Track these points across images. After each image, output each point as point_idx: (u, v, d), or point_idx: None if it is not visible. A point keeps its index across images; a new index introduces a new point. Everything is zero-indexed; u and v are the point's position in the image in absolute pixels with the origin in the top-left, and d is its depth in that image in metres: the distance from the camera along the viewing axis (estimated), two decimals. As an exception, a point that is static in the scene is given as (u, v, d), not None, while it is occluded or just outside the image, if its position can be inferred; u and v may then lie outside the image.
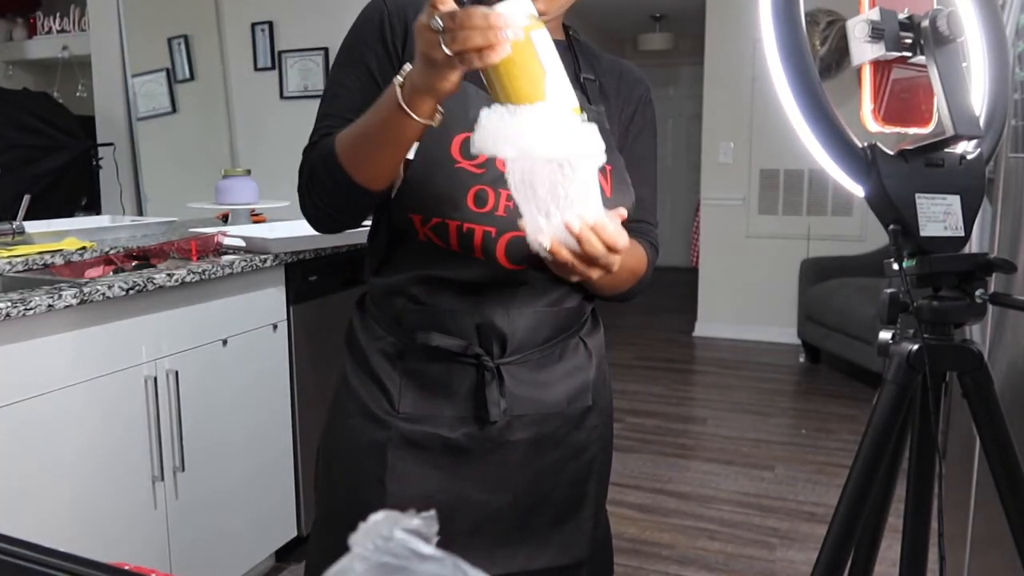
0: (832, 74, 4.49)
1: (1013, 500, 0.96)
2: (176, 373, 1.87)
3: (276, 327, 2.20)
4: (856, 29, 0.90)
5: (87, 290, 1.62)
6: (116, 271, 1.94)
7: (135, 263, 2.02)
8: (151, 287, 1.77)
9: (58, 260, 2.16)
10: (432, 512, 0.34)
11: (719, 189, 5.20)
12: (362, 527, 0.33)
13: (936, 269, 0.93)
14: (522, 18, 0.73)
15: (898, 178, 0.92)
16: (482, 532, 1.03)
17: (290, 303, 2.24)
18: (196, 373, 1.94)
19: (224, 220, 2.92)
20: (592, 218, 0.75)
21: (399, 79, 0.81)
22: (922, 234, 0.92)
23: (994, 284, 1.52)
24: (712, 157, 5.22)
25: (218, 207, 2.88)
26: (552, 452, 1.05)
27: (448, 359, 1.00)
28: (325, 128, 0.97)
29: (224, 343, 2.03)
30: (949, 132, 0.91)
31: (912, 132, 0.97)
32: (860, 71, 0.93)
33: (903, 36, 0.91)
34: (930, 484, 1.01)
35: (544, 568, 1.06)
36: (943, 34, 0.89)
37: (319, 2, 4.28)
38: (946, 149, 0.96)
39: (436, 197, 0.93)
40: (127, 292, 1.71)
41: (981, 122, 0.97)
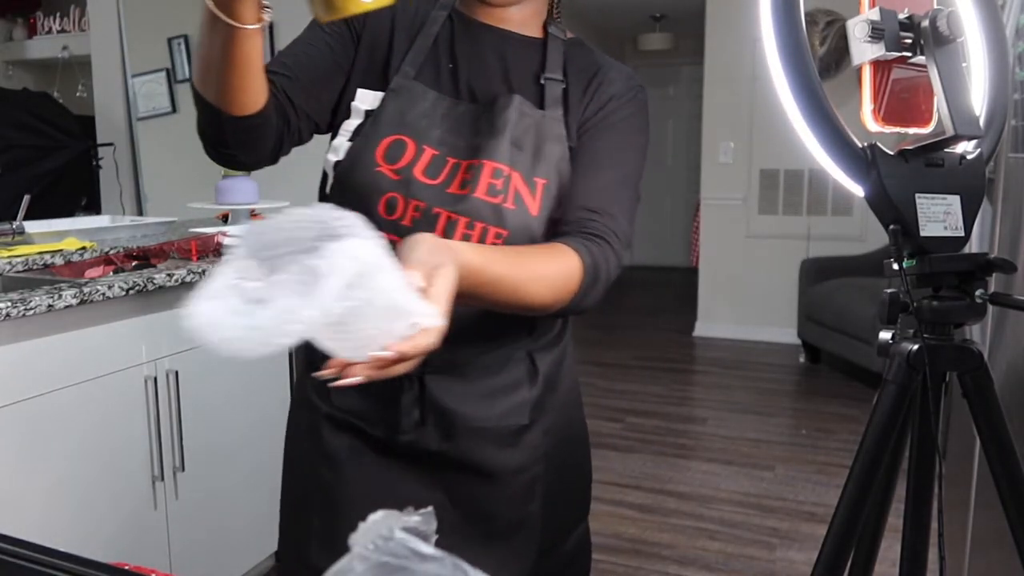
0: (832, 74, 4.49)
1: (1013, 500, 0.96)
2: (176, 373, 1.87)
3: (276, 327, 2.20)
4: (856, 29, 0.90)
5: (87, 290, 1.62)
6: (116, 271, 1.94)
7: (135, 263, 2.02)
8: (151, 287, 1.77)
9: (58, 260, 2.16)
10: (430, 509, 0.34)
11: (719, 189, 5.20)
12: (362, 527, 0.33)
13: (936, 269, 0.93)
14: None
15: (898, 178, 0.92)
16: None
17: (290, 303, 2.24)
18: (196, 373, 1.94)
19: (224, 220, 2.92)
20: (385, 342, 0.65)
21: None
22: (922, 234, 0.92)
23: (994, 284, 1.52)
24: (712, 157, 5.22)
25: (218, 207, 2.87)
26: (483, 467, 1.00)
27: None
28: (277, 62, 0.96)
29: (224, 343, 2.03)
30: (949, 132, 0.91)
31: (912, 132, 0.97)
32: (860, 71, 0.93)
33: (903, 36, 0.91)
34: (930, 484, 1.01)
35: None
36: (943, 34, 0.89)
37: (319, 2, 4.28)
38: (946, 149, 0.96)
39: (354, 199, 0.91)
40: (127, 292, 1.71)
41: (981, 122, 0.97)
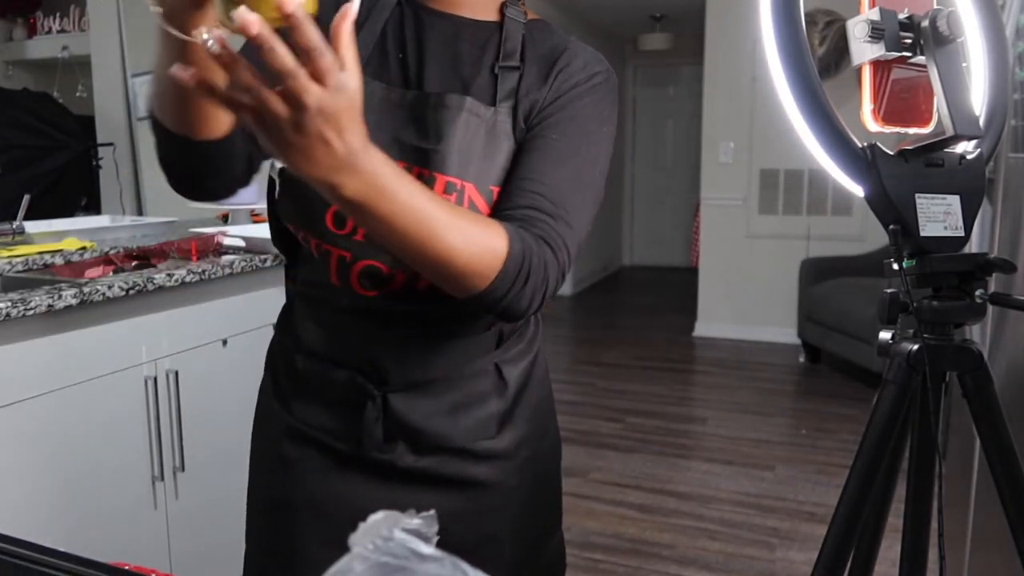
0: (832, 74, 4.49)
1: (1013, 500, 0.96)
2: (176, 373, 1.87)
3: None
4: (856, 29, 0.90)
5: (87, 290, 1.62)
6: (116, 271, 1.94)
7: (135, 263, 2.02)
8: (151, 287, 1.77)
9: (58, 260, 2.16)
10: (432, 512, 0.34)
11: (719, 189, 5.20)
12: (362, 527, 0.33)
13: (936, 269, 0.93)
14: None
15: (898, 178, 0.92)
16: None
17: (290, 303, 2.24)
18: (196, 373, 1.94)
19: (224, 220, 2.92)
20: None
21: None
22: (922, 234, 0.92)
23: (994, 284, 1.52)
24: (712, 157, 5.22)
25: (218, 207, 2.87)
26: (448, 486, 0.96)
27: (329, 383, 0.95)
28: None
29: (224, 343, 2.03)
30: (949, 132, 0.91)
31: (912, 132, 0.97)
32: (860, 71, 0.93)
33: (903, 36, 0.91)
34: (930, 484, 1.01)
35: None
36: (943, 34, 0.89)
37: (319, 2, 4.28)
38: (946, 149, 0.96)
39: (301, 210, 0.86)
40: (127, 292, 1.71)
41: (981, 122, 0.97)
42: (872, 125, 0.95)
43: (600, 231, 7.42)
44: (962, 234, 0.95)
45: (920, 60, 0.93)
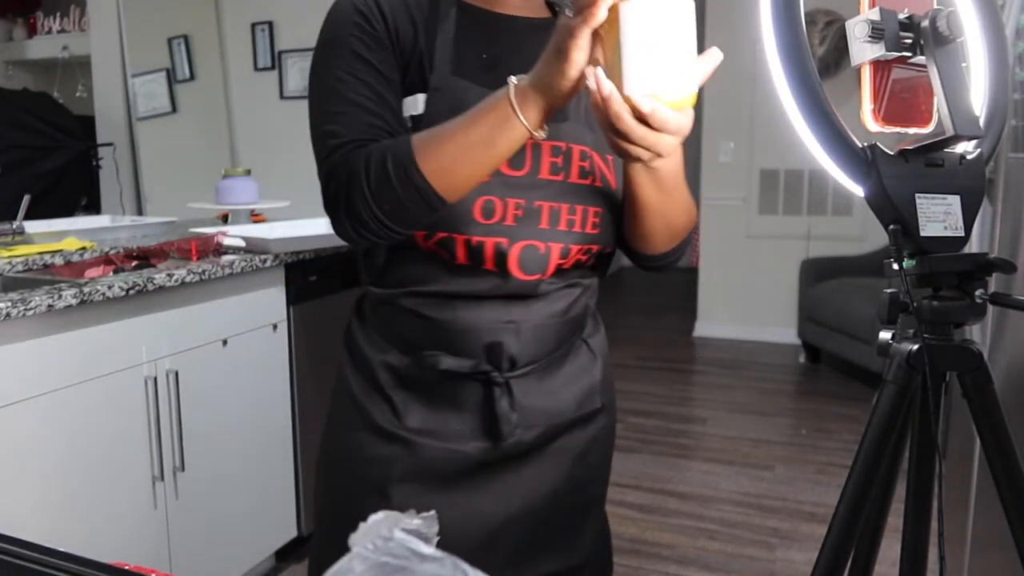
0: (832, 74, 4.49)
1: (1013, 500, 0.96)
2: (176, 373, 1.87)
3: (276, 327, 2.20)
4: (856, 29, 0.90)
5: (87, 290, 1.62)
6: (116, 271, 1.94)
7: (135, 263, 2.02)
8: (151, 287, 1.77)
9: (58, 260, 2.16)
10: (432, 512, 0.34)
11: (719, 189, 5.20)
12: (362, 527, 0.33)
13: (936, 269, 0.93)
14: None
15: (898, 178, 0.92)
16: (493, 547, 1.00)
17: (290, 303, 2.24)
18: (196, 373, 1.94)
19: (224, 220, 2.92)
20: (682, 94, 0.72)
21: (513, 80, 0.78)
22: (922, 234, 0.92)
23: (994, 284, 1.52)
24: (712, 157, 5.22)
25: (218, 207, 2.88)
26: (561, 458, 1.03)
27: (456, 375, 0.97)
28: (348, 125, 0.88)
29: (224, 343, 2.03)
30: (949, 132, 0.91)
31: (912, 132, 0.97)
32: (860, 71, 0.93)
33: (903, 36, 0.91)
34: (930, 484, 1.01)
35: (552, 572, 1.05)
36: (943, 34, 0.89)
37: (319, 2, 4.27)
38: (946, 149, 0.95)
39: (444, 216, 0.87)
40: (127, 292, 1.71)
41: (981, 122, 0.97)
42: (872, 125, 0.95)
43: (600, 231, 7.38)
44: (962, 234, 0.95)
45: (920, 60, 0.93)
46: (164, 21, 4.32)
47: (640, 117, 0.71)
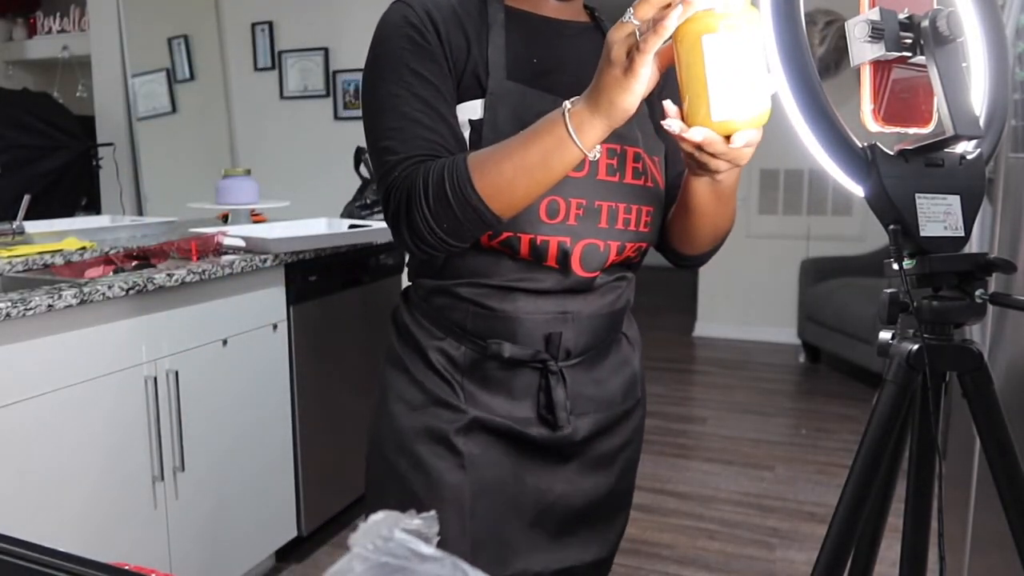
0: (832, 74, 4.49)
1: (1013, 500, 0.96)
2: (176, 373, 1.87)
3: (276, 327, 2.20)
4: (856, 29, 0.90)
5: (87, 290, 1.62)
6: (116, 271, 1.94)
7: (135, 263, 2.02)
8: (151, 287, 1.77)
9: (58, 260, 2.16)
10: (432, 512, 0.34)
11: (719, 189, 5.20)
12: (362, 527, 0.33)
13: (936, 269, 0.93)
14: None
15: (898, 178, 0.92)
16: (542, 524, 1.05)
17: (290, 303, 2.24)
18: (196, 373, 1.94)
19: (224, 220, 2.92)
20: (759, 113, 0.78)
21: (567, 105, 0.79)
22: (922, 234, 0.92)
23: (994, 284, 1.52)
24: (712, 157, 5.22)
25: (218, 207, 2.88)
26: (605, 448, 1.08)
27: (512, 364, 1.00)
28: (408, 141, 0.90)
29: (224, 343, 2.03)
30: (949, 132, 0.91)
31: (912, 132, 0.97)
32: (860, 71, 0.93)
33: (903, 36, 0.91)
34: (930, 484, 1.01)
35: (585, 563, 1.09)
36: (943, 34, 0.89)
37: (319, 2, 4.28)
38: (946, 149, 0.96)
39: (514, 217, 0.90)
40: (127, 292, 1.71)
41: (981, 122, 0.97)
42: (872, 125, 0.95)
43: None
44: (962, 234, 0.95)
45: (920, 60, 0.93)
46: (164, 21, 4.32)
47: (727, 138, 0.77)
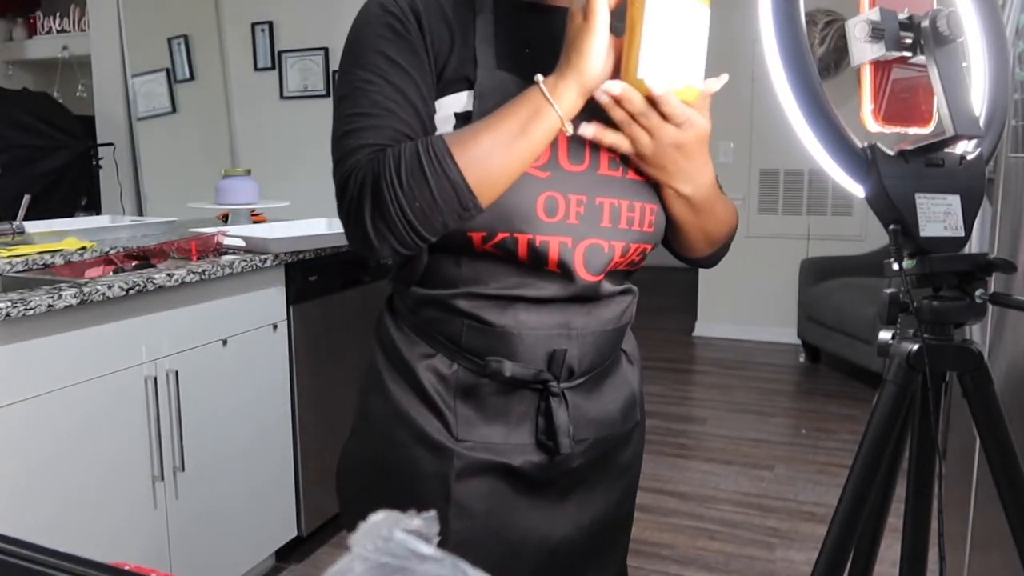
0: (832, 74, 4.48)
1: (1013, 500, 0.96)
2: (176, 373, 1.87)
3: (276, 327, 2.20)
4: (856, 29, 0.90)
5: (87, 290, 1.62)
6: (116, 271, 1.94)
7: (135, 263, 2.02)
8: (151, 287, 1.77)
9: (58, 260, 2.16)
10: (432, 512, 0.34)
11: (719, 189, 5.20)
12: (362, 527, 0.33)
13: (936, 269, 0.93)
14: None
15: (898, 178, 0.92)
16: (546, 570, 0.98)
17: (290, 303, 2.24)
18: (196, 373, 1.94)
19: (224, 220, 2.92)
20: (699, 84, 0.82)
21: (540, 77, 0.81)
22: (922, 234, 0.92)
23: (994, 284, 1.52)
24: (712, 157, 5.20)
25: (218, 207, 2.88)
26: (605, 474, 1.02)
27: (510, 385, 0.92)
28: (371, 129, 0.84)
29: (224, 343, 2.03)
30: (949, 132, 0.91)
31: (912, 132, 0.97)
32: (860, 71, 0.93)
33: (903, 36, 0.91)
34: (930, 484, 1.01)
35: None
36: (943, 34, 0.89)
37: (319, 2, 4.28)
38: (946, 149, 0.96)
39: (501, 210, 0.84)
40: (127, 292, 1.71)
41: (981, 122, 0.97)
42: (872, 125, 0.95)
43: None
44: (962, 234, 0.95)
45: (920, 60, 0.93)
46: (164, 21, 4.32)
47: (651, 101, 0.79)
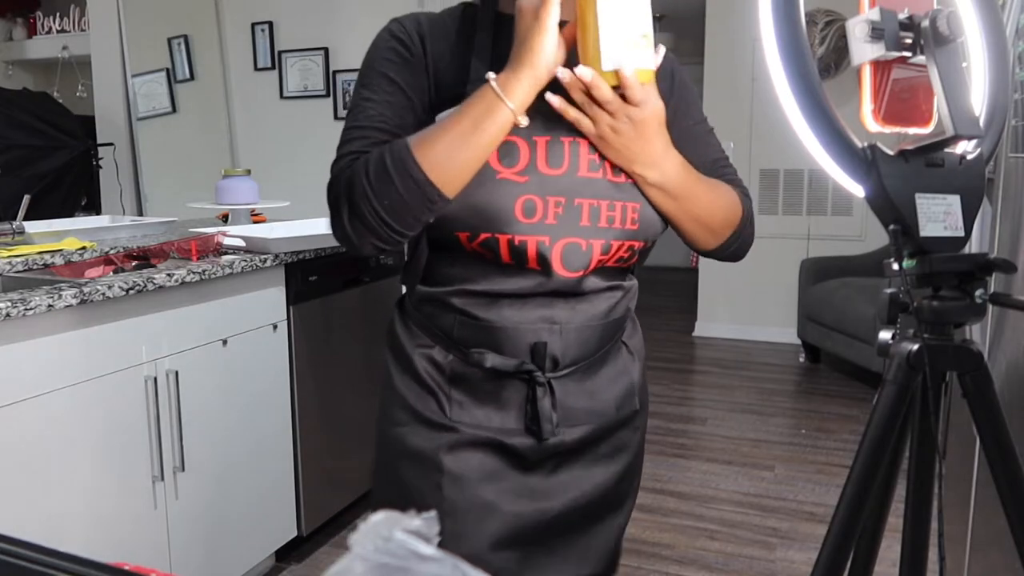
0: (832, 74, 4.49)
1: (1013, 500, 0.96)
2: (176, 373, 1.87)
3: (276, 327, 2.20)
4: (856, 29, 0.90)
5: (87, 290, 1.62)
6: (116, 271, 1.94)
7: (135, 263, 2.02)
8: (151, 287, 1.77)
9: (58, 260, 2.16)
10: (433, 513, 0.34)
11: (719, 189, 5.20)
12: (362, 527, 0.33)
13: (936, 269, 0.93)
14: None
15: (898, 178, 0.92)
16: (532, 542, 1.02)
17: (290, 303, 2.24)
18: (196, 373, 1.94)
19: (224, 220, 2.92)
20: (643, 65, 0.86)
21: (492, 73, 0.86)
22: (922, 234, 0.92)
23: (994, 284, 1.52)
24: (712, 157, 5.22)
25: (218, 207, 2.88)
26: (599, 459, 1.06)
27: (499, 373, 0.99)
28: (359, 139, 0.93)
29: (224, 343, 2.03)
30: (949, 132, 0.91)
31: (912, 132, 0.97)
32: (860, 71, 0.93)
33: (903, 36, 0.91)
34: (930, 484, 1.01)
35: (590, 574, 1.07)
36: (943, 34, 0.89)
37: (319, 2, 4.28)
38: (946, 149, 0.96)
39: (482, 213, 0.91)
40: (127, 292, 1.71)
41: (981, 122, 0.97)
42: (872, 125, 0.95)
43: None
44: (962, 234, 0.95)
45: (920, 60, 0.93)
46: (164, 21, 4.32)
47: (615, 87, 0.85)
